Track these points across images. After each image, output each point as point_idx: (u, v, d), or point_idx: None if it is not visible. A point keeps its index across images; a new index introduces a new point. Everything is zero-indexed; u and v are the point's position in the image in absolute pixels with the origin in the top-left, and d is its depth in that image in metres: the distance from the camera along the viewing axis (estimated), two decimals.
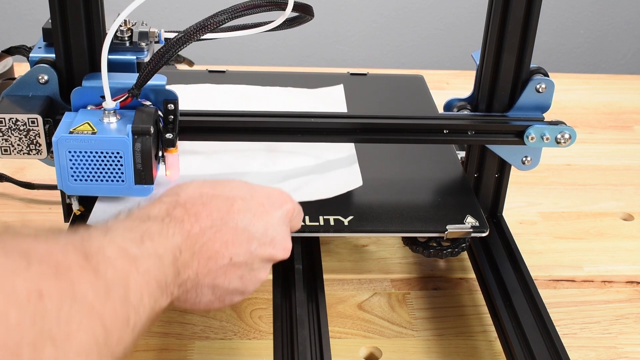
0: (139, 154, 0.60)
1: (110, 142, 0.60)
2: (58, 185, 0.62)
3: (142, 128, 0.59)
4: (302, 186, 0.69)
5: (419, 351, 0.66)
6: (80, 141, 0.59)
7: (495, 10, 0.66)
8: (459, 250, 0.71)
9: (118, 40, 0.66)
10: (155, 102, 0.63)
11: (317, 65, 1.90)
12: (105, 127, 0.60)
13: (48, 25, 0.65)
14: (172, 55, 0.60)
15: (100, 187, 0.62)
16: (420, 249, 0.71)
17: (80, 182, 0.61)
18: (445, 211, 0.69)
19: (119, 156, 0.60)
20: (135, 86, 0.61)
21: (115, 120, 0.61)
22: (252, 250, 0.52)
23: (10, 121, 0.61)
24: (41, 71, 0.64)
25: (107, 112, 0.61)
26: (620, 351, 0.67)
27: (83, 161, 0.60)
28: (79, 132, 0.60)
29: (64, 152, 0.60)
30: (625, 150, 1.03)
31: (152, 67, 0.60)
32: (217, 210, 0.51)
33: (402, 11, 1.91)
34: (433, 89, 0.91)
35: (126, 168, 0.61)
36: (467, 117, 0.71)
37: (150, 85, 0.62)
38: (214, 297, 0.51)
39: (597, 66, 2.03)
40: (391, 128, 0.69)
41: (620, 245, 0.83)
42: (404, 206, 0.69)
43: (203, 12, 0.62)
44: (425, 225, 0.67)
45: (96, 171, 0.61)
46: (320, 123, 0.68)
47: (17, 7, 1.83)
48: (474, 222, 0.67)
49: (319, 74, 0.93)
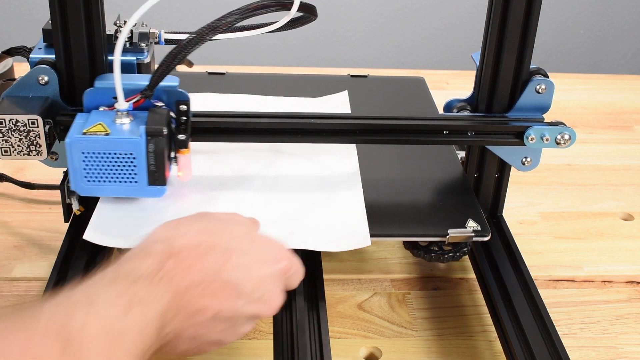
0: (153, 155, 0.60)
1: (123, 143, 0.60)
2: (71, 186, 0.62)
3: (156, 129, 0.60)
4: (303, 229, 0.65)
5: (419, 351, 0.66)
6: (93, 142, 0.60)
7: (495, 10, 0.66)
8: (461, 254, 0.70)
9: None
10: (167, 103, 0.63)
11: (317, 65, 1.90)
12: (118, 128, 0.60)
13: (48, 26, 0.65)
14: (184, 56, 0.60)
15: (113, 188, 0.62)
16: (421, 253, 0.70)
17: (93, 183, 0.61)
18: (447, 214, 0.68)
19: (132, 157, 0.60)
20: (148, 87, 0.61)
21: (128, 121, 0.61)
22: (239, 307, 0.51)
23: (10, 122, 0.61)
24: (41, 72, 0.64)
25: (120, 113, 0.61)
26: (620, 351, 0.67)
27: (96, 162, 0.60)
28: (92, 133, 0.60)
29: (78, 153, 0.60)
30: (625, 150, 1.03)
31: (164, 68, 0.60)
32: (211, 264, 0.50)
33: (402, 11, 1.91)
34: (433, 89, 0.91)
35: (139, 169, 0.61)
36: (467, 118, 0.71)
37: (163, 86, 0.62)
38: (191, 346, 0.50)
39: (597, 66, 2.03)
40: (391, 129, 0.69)
41: (620, 245, 0.83)
42: (404, 209, 0.69)
43: (203, 13, 0.62)
44: (426, 229, 0.67)
45: (109, 172, 0.61)
46: (320, 124, 0.68)
47: (17, 7, 1.83)
48: (475, 226, 0.67)
49: (320, 76, 0.93)
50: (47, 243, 0.77)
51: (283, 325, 0.60)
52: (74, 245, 0.68)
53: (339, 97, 0.86)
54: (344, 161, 0.74)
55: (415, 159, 0.78)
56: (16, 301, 0.69)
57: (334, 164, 0.73)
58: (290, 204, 0.67)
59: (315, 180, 0.71)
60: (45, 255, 0.75)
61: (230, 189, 0.69)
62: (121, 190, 0.62)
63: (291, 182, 0.70)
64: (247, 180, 0.70)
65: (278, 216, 0.65)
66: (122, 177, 0.61)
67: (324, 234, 0.63)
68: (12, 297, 0.70)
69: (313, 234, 0.64)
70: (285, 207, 0.67)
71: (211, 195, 0.67)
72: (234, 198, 0.67)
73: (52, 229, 0.79)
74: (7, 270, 0.73)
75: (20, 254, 0.75)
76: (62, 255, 0.67)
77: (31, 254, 0.75)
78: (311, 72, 1.22)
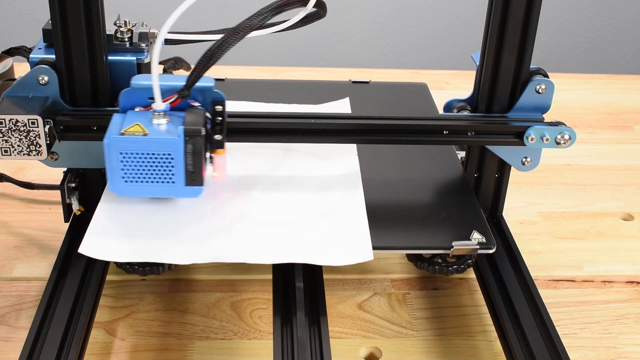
0: (190, 155, 0.60)
1: (162, 144, 0.60)
2: (108, 187, 0.62)
3: (194, 129, 0.60)
4: (303, 242, 0.63)
5: (419, 351, 0.66)
6: (132, 142, 0.59)
7: (495, 10, 0.66)
8: (465, 266, 0.70)
9: (118, 41, 0.66)
10: (202, 104, 0.64)
11: (317, 65, 1.90)
12: (156, 129, 0.60)
13: (48, 26, 0.65)
14: (220, 56, 0.60)
15: (150, 188, 0.62)
16: (424, 266, 0.70)
17: (130, 183, 0.61)
18: (450, 225, 0.67)
19: (170, 157, 0.60)
20: (185, 87, 0.61)
21: (165, 121, 0.61)
22: None
23: (10, 122, 0.61)
24: (41, 72, 0.64)
25: (157, 113, 0.61)
26: (620, 351, 0.67)
27: (134, 162, 0.60)
28: (130, 133, 0.60)
29: (116, 153, 0.60)
30: (625, 150, 1.04)
31: (201, 68, 0.60)
32: None
33: (402, 11, 1.91)
34: (433, 89, 0.91)
35: (177, 169, 0.61)
36: (466, 118, 0.71)
37: (198, 86, 0.62)
38: None
39: (597, 66, 2.03)
40: (390, 129, 0.69)
41: (620, 245, 0.83)
42: (406, 219, 0.67)
43: (203, 13, 0.62)
44: (430, 241, 0.65)
45: (147, 172, 0.61)
46: (319, 124, 0.68)
47: (17, 7, 1.83)
48: (480, 238, 0.65)
49: (320, 82, 0.93)
50: (47, 243, 0.77)
51: (283, 326, 0.60)
52: (74, 245, 0.68)
53: (341, 104, 0.86)
54: (345, 165, 0.73)
55: (415, 160, 0.77)
56: (16, 301, 0.69)
57: (336, 168, 0.72)
58: (288, 216, 0.66)
59: (316, 187, 0.70)
60: (45, 255, 0.75)
61: (231, 199, 0.67)
62: (158, 191, 0.62)
63: (289, 194, 0.69)
64: (246, 190, 0.69)
65: (275, 231, 0.64)
66: (159, 177, 0.61)
67: (325, 248, 0.62)
68: (12, 297, 0.70)
69: (313, 248, 0.62)
70: (283, 220, 0.65)
71: (213, 207, 0.66)
72: (235, 213, 0.66)
73: (52, 229, 0.79)
74: (7, 270, 0.73)
75: (20, 254, 0.75)
76: (62, 255, 0.68)
77: (31, 254, 0.75)
78: (311, 72, 1.23)
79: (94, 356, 0.64)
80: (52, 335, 0.59)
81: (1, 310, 0.68)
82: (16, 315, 0.68)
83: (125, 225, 0.63)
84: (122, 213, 0.64)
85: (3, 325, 0.67)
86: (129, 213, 0.64)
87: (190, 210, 0.66)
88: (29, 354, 0.57)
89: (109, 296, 0.71)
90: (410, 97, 0.89)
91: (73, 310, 0.62)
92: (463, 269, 0.70)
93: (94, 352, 0.64)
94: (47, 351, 0.58)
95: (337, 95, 0.87)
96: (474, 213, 0.69)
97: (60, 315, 0.61)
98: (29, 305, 0.69)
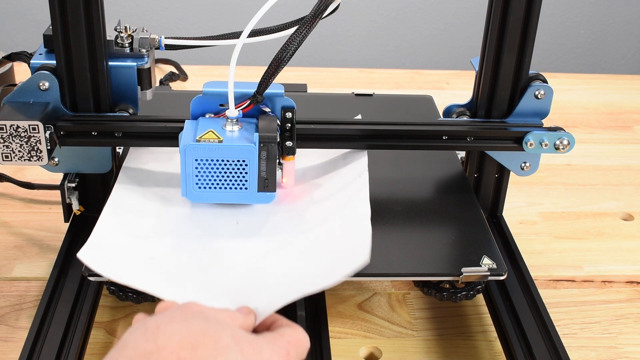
0: (265, 162, 0.61)
1: (237, 150, 0.60)
2: (182, 193, 0.62)
3: (270, 136, 0.60)
4: (306, 274, 0.58)
5: (419, 351, 0.66)
6: (207, 149, 0.60)
7: (495, 10, 0.66)
8: (475, 293, 0.66)
9: (118, 46, 0.66)
10: (272, 110, 0.64)
11: (317, 65, 1.90)
12: (229, 136, 0.61)
13: (49, 32, 0.65)
14: (289, 59, 0.61)
15: (223, 194, 0.62)
16: (432, 292, 0.65)
17: (204, 189, 0.62)
18: (459, 250, 0.63)
19: (244, 164, 0.61)
20: (258, 92, 0.62)
21: (237, 128, 0.62)
22: None
23: (11, 128, 0.61)
24: (42, 78, 0.64)
25: (230, 120, 0.62)
26: (620, 351, 0.67)
27: (208, 169, 0.61)
28: (205, 140, 0.60)
29: (191, 160, 0.60)
30: (625, 150, 1.04)
31: (271, 72, 0.61)
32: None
33: (402, 11, 1.91)
34: (433, 89, 0.91)
35: (250, 175, 0.61)
36: (466, 123, 0.70)
37: (268, 93, 0.63)
38: None
39: (597, 66, 2.03)
40: (391, 134, 0.69)
41: (620, 245, 0.83)
42: (412, 242, 0.64)
43: (203, 14, 0.62)
44: (438, 268, 0.61)
45: (221, 179, 0.62)
46: (322, 129, 0.68)
47: (17, 7, 1.83)
48: (490, 263, 0.61)
49: (324, 94, 0.90)
50: (47, 243, 0.77)
51: None
52: (74, 245, 0.68)
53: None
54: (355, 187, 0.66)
55: (416, 165, 0.76)
56: (16, 301, 0.69)
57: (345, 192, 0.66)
58: (286, 249, 0.61)
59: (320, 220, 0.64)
60: (45, 255, 0.75)
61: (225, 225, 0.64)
62: (231, 197, 0.62)
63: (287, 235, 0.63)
64: None
65: (272, 271, 0.58)
66: (233, 183, 0.62)
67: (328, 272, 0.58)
68: (12, 297, 0.70)
69: (317, 274, 0.58)
70: (280, 257, 0.60)
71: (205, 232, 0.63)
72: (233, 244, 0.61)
73: (52, 229, 0.79)
74: (7, 270, 0.73)
75: (20, 254, 0.75)
76: (62, 255, 0.68)
77: (31, 254, 0.75)
78: (311, 72, 1.22)
79: (94, 356, 0.64)
80: (52, 335, 0.59)
81: (1, 310, 0.68)
82: (16, 315, 0.68)
83: (125, 245, 0.59)
84: (124, 229, 0.61)
85: (3, 325, 0.66)
86: (133, 226, 0.62)
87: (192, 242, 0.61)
88: (29, 354, 0.57)
89: (109, 296, 0.71)
90: (415, 110, 0.86)
91: (73, 310, 0.62)
92: (472, 295, 0.66)
93: (94, 352, 0.64)
94: (47, 351, 0.58)
95: (341, 108, 0.86)
96: (482, 233, 0.65)
97: (60, 315, 0.61)
98: (29, 305, 0.69)
